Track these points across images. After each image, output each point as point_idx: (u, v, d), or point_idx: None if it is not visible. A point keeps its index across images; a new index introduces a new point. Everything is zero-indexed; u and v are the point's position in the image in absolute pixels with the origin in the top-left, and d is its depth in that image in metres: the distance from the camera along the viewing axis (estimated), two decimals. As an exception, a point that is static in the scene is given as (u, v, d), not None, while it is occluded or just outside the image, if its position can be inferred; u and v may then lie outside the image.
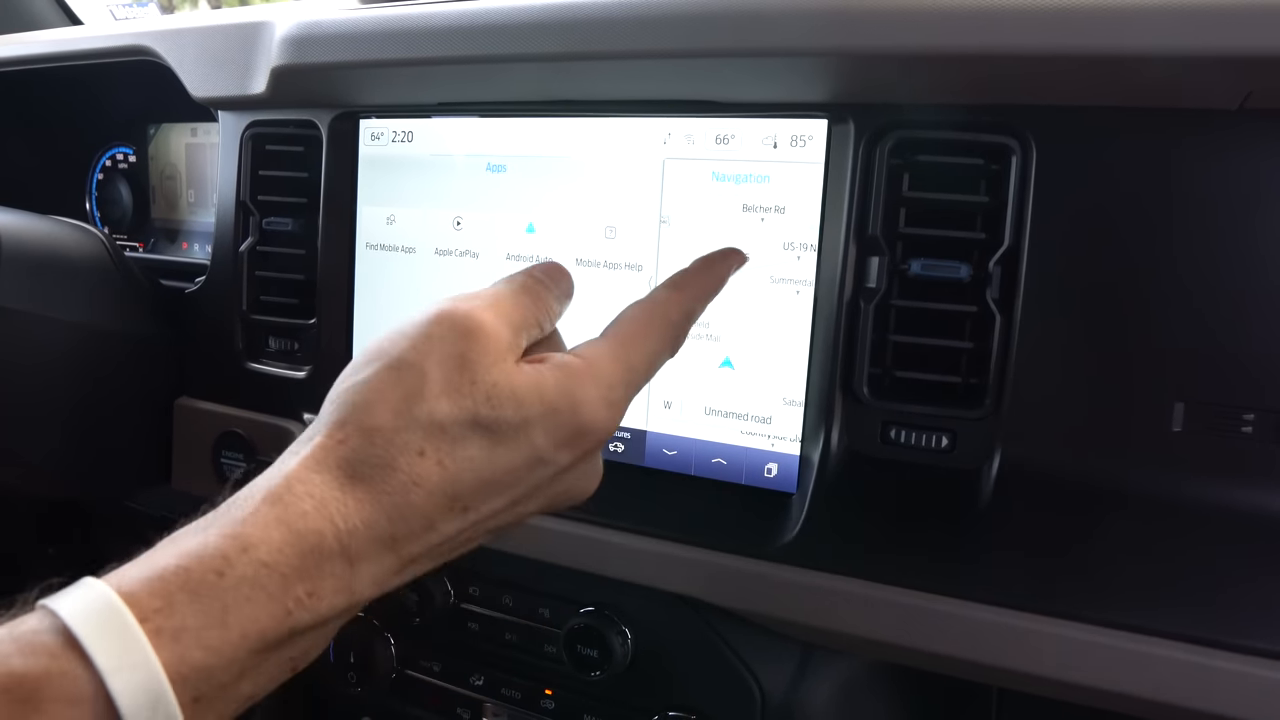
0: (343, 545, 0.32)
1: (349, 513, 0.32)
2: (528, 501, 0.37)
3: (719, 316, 0.56)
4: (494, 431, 0.35)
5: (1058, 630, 0.46)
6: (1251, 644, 0.43)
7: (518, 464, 0.35)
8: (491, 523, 0.36)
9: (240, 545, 0.30)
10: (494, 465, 0.35)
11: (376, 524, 0.32)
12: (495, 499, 0.35)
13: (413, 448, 0.33)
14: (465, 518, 0.35)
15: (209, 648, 0.28)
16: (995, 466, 0.48)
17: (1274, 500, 0.44)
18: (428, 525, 0.33)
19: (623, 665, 0.57)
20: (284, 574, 0.30)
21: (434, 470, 0.33)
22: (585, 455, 0.38)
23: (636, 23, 0.51)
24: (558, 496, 0.38)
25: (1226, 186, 0.44)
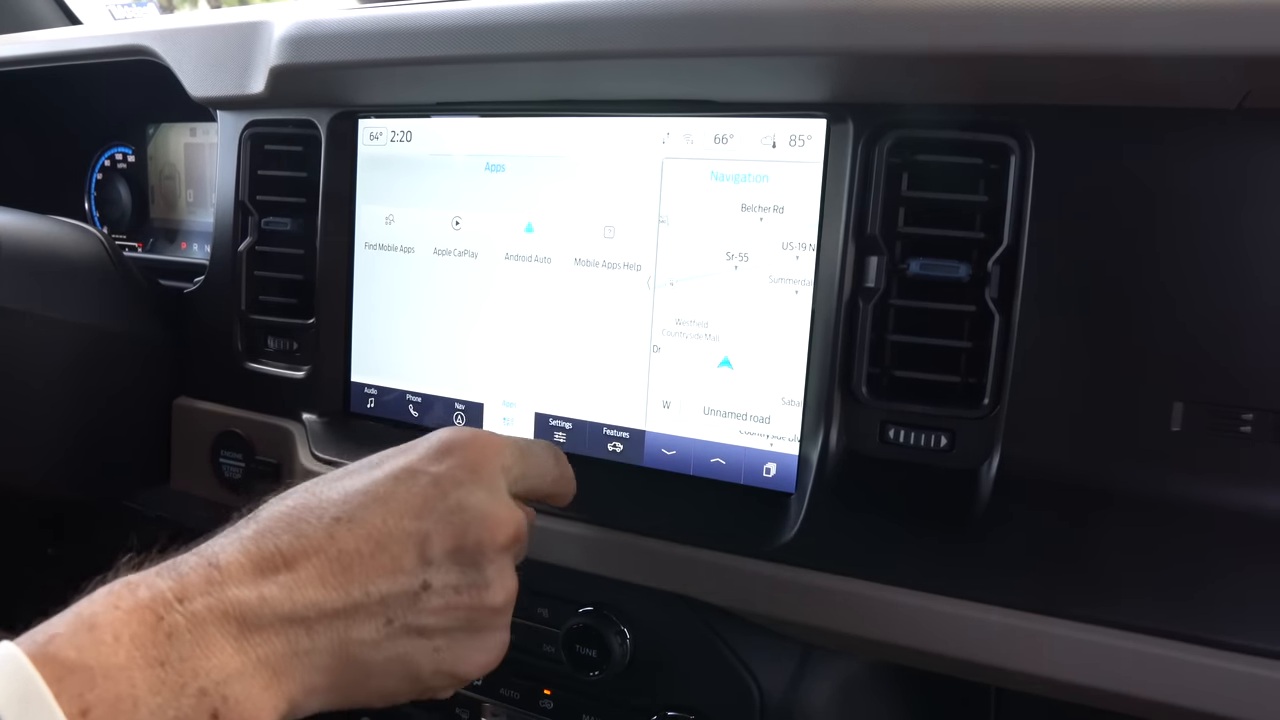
0: (207, 558, 0.34)
1: (220, 538, 0.36)
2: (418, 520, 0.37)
3: (718, 316, 0.56)
4: (371, 466, 0.40)
5: (1056, 630, 0.46)
6: (1251, 643, 0.43)
7: (381, 476, 0.38)
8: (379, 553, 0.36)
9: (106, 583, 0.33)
10: (357, 481, 0.39)
11: (246, 539, 0.35)
12: (370, 510, 0.37)
13: (286, 495, 0.38)
14: (341, 528, 0.36)
15: (80, 646, 0.29)
16: (994, 466, 0.48)
17: (1273, 499, 0.44)
18: (297, 531, 0.36)
19: (621, 665, 0.57)
20: (151, 585, 0.32)
21: (303, 495, 0.38)
22: (463, 468, 0.39)
23: (635, 22, 0.51)
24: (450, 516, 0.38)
25: (1225, 186, 0.44)
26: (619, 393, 0.59)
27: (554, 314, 0.61)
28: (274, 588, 0.34)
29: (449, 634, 0.38)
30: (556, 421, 0.62)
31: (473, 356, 0.64)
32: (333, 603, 0.35)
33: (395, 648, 0.37)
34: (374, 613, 0.36)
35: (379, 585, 0.36)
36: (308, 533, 0.35)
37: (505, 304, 0.62)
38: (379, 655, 0.36)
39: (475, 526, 0.38)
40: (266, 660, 0.33)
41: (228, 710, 0.31)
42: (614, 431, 0.60)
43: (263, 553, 0.34)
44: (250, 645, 0.33)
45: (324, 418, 0.70)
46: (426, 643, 0.38)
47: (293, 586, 0.34)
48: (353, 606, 0.35)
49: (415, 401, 0.67)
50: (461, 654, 0.39)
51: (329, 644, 0.35)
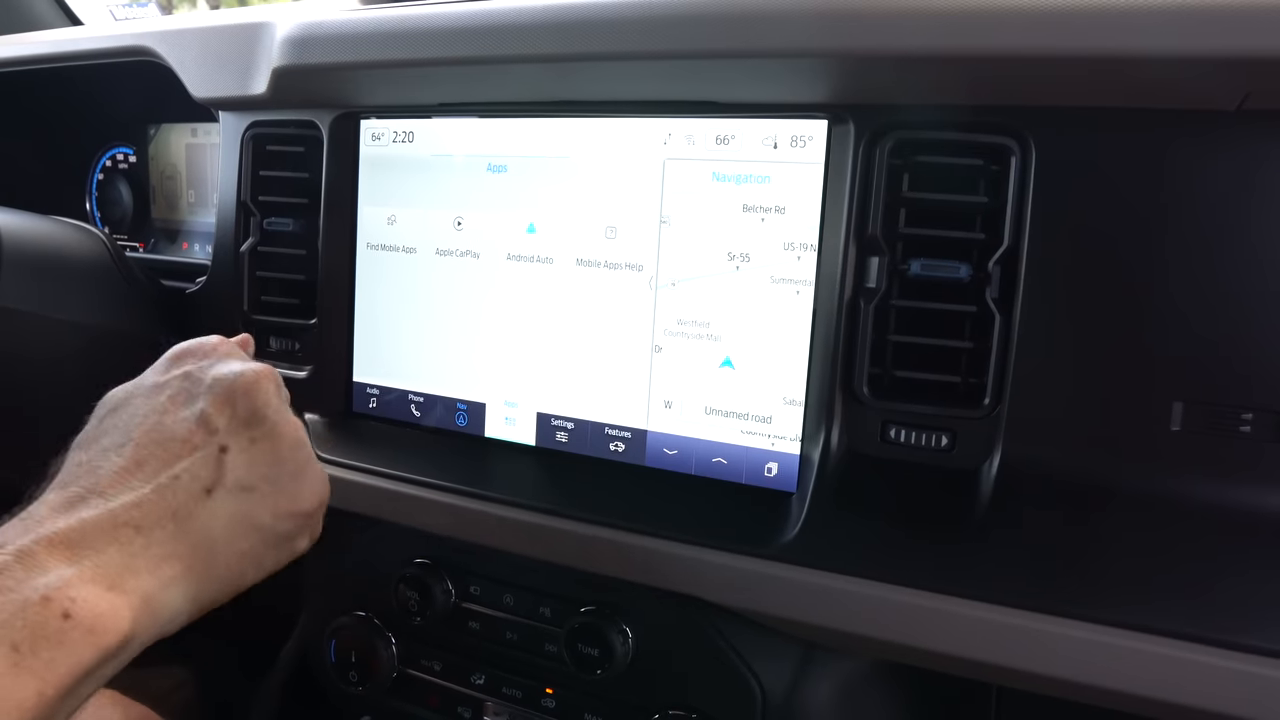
0: (19, 517, 0.36)
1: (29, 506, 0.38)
2: (185, 403, 0.41)
3: (720, 317, 0.56)
4: (122, 405, 0.43)
5: (1057, 629, 0.46)
6: (1251, 642, 0.43)
7: (139, 393, 0.42)
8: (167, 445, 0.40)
9: None
10: (124, 416, 0.41)
11: (45, 499, 0.38)
12: (142, 420, 0.40)
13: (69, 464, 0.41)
14: (129, 446, 0.39)
15: None
16: (995, 466, 0.48)
17: (1272, 499, 0.44)
18: (90, 466, 0.39)
19: (623, 664, 0.57)
20: None
21: (87, 431, 0.43)
22: (210, 355, 0.44)
23: (637, 24, 0.51)
24: (217, 383, 0.42)
25: (1225, 187, 0.44)
26: (621, 393, 0.59)
27: (556, 314, 0.61)
28: (88, 510, 0.36)
29: (268, 479, 0.42)
30: (559, 421, 0.62)
31: (475, 356, 0.64)
32: (144, 495, 0.38)
33: (225, 508, 0.40)
34: (185, 484, 0.39)
35: (177, 467, 0.39)
36: (99, 463, 0.39)
37: (507, 304, 0.63)
38: (215, 523, 0.39)
39: (237, 390, 0.42)
40: (103, 566, 0.35)
41: (78, 609, 0.33)
42: (616, 431, 0.60)
43: (69, 492, 0.37)
44: (82, 557, 0.35)
45: (326, 418, 0.70)
46: (252, 494, 0.41)
47: (103, 506, 0.37)
48: (165, 486, 0.38)
49: (417, 401, 0.67)
50: (290, 491, 0.42)
51: (160, 531, 0.37)
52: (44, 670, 0.32)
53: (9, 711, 0.31)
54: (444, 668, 0.66)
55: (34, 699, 0.31)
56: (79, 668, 0.33)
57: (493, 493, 0.60)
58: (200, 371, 0.43)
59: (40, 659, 0.32)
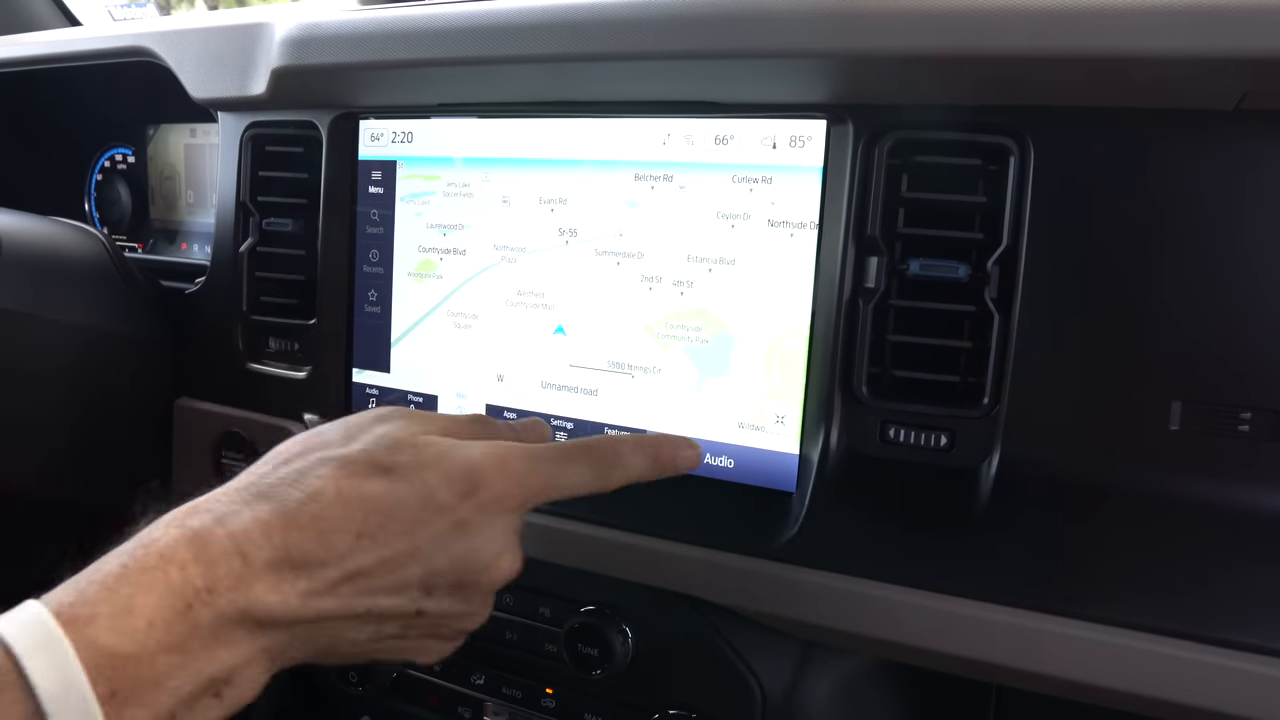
0: (236, 543, 0.34)
1: (244, 517, 0.35)
2: (432, 557, 0.38)
3: (716, 316, 0.56)
4: (390, 472, 0.38)
5: (1056, 628, 0.46)
6: (1250, 640, 0.43)
7: (412, 502, 0.38)
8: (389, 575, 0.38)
9: (142, 544, 0.34)
10: (387, 499, 0.38)
11: (270, 526, 0.35)
12: (395, 537, 0.38)
13: (313, 473, 0.38)
14: (362, 545, 0.37)
15: (119, 631, 0.31)
16: (994, 465, 0.48)
17: (1271, 497, 0.44)
18: (323, 540, 0.36)
19: (623, 664, 0.57)
20: (180, 565, 0.33)
21: (331, 491, 0.37)
22: (484, 511, 0.40)
23: (636, 24, 0.51)
24: (463, 559, 0.39)
25: (1222, 186, 0.45)
26: (619, 392, 0.59)
27: (556, 313, 0.61)
28: (293, 593, 0.35)
29: (420, 639, 0.41)
30: (558, 421, 0.62)
31: (469, 356, 0.64)
32: (338, 612, 0.37)
33: (376, 645, 0.40)
34: (369, 622, 0.38)
35: (380, 602, 0.38)
36: (333, 543, 0.37)
37: (507, 304, 0.63)
38: (359, 649, 0.40)
39: (480, 570, 0.40)
40: (269, 649, 0.36)
41: (229, 690, 0.34)
42: (615, 431, 0.60)
43: (289, 553, 0.36)
44: (261, 638, 0.35)
45: (325, 418, 0.70)
46: (400, 644, 0.41)
47: (309, 594, 0.36)
48: (354, 615, 0.38)
49: (416, 402, 0.67)
50: (423, 651, 0.42)
51: (324, 637, 0.38)
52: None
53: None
54: (443, 667, 0.66)
55: None
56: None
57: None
58: (473, 531, 0.39)
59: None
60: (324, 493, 0.37)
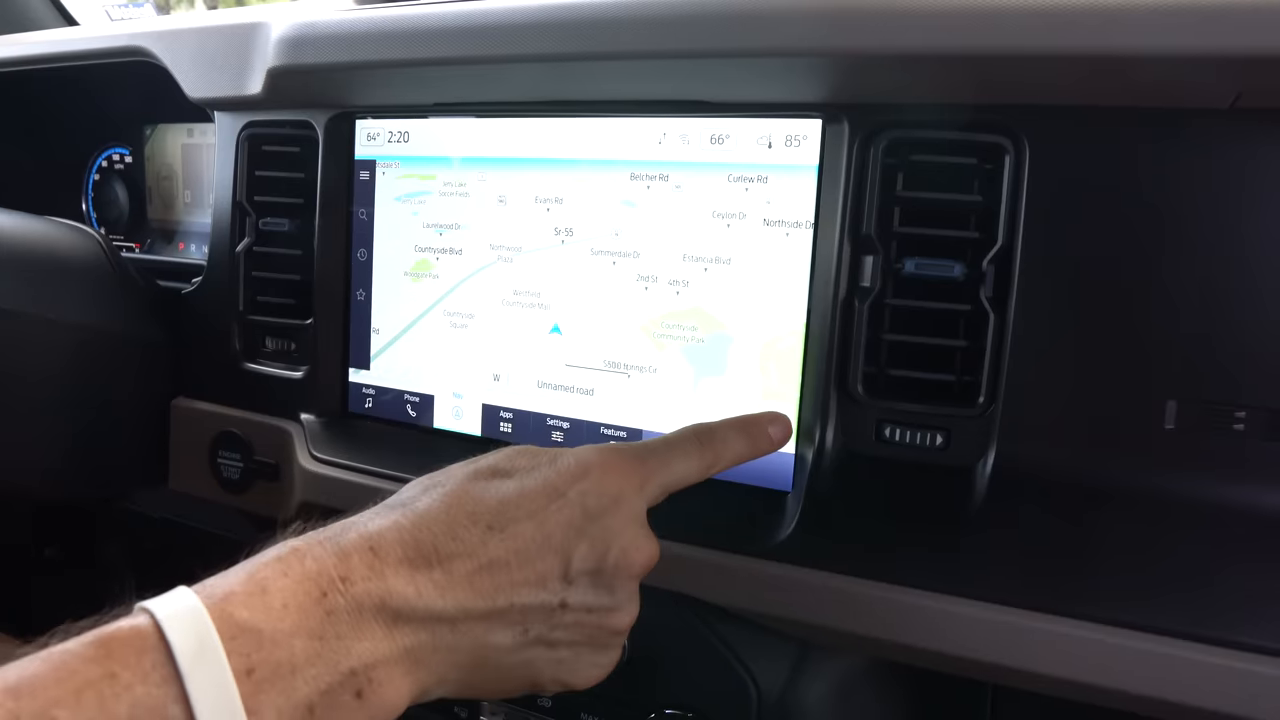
0: (368, 540, 0.35)
1: (376, 522, 0.37)
2: (565, 544, 0.39)
3: (712, 316, 0.56)
4: (510, 474, 0.40)
5: (1052, 627, 0.46)
6: (1245, 639, 0.43)
7: (531, 489, 0.39)
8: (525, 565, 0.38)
9: (282, 541, 0.35)
10: (508, 490, 0.39)
11: (401, 527, 0.36)
12: (525, 526, 0.38)
13: (441, 485, 0.39)
14: (494, 537, 0.38)
15: (252, 608, 0.31)
16: (989, 464, 0.48)
17: (1267, 496, 0.44)
18: (452, 533, 0.37)
19: (620, 663, 0.57)
20: (315, 557, 0.34)
21: (458, 492, 0.39)
22: (606, 495, 0.40)
23: (631, 23, 0.51)
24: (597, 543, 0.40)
25: (1217, 185, 0.45)
26: (615, 392, 0.59)
27: (551, 313, 0.61)
28: (428, 584, 0.35)
29: (573, 647, 0.41)
30: (555, 421, 0.62)
31: (466, 356, 0.64)
32: (479, 606, 0.37)
33: (524, 654, 0.39)
34: (513, 621, 0.38)
35: (522, 596, 0.38)
36: (462, 536, 0.37)
37: (503, 303, 0.63)
38: (509, 659, 0.39)
39: (616, 553, 0.40)
40: (411, 650, 0.35)
41: (371, 691, 0.33)
42: (611, 431, 0.60)
43: (420, 548, 0.36)
44: (399, 634, 0.35)
45: (322, 418, 0.70)
46: (552, 653, 0.40)
47: (445, 585, 0.36)
48: (495, 612, 0.37)
49: (413, 401, 0.67)
50: (579, 666, 0.41)
51: (469, 643, 0.37)
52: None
53: None
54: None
55: None
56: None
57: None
58: (600, 513, 0.40)
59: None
60: (451, 495, 0.38)
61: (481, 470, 0.40)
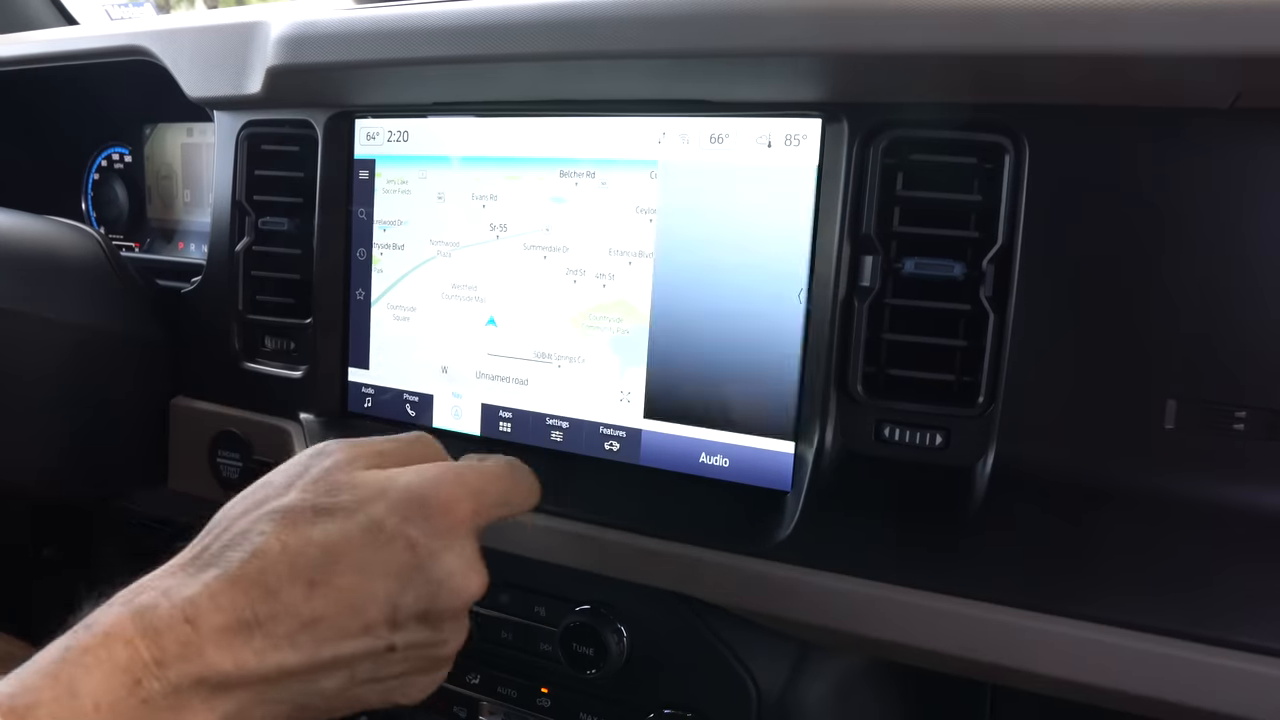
0: (182, 612, 0.34)
1: (190, 587, 0.35)
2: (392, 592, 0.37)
3: (712, 315, 0.56)
4: (333, 514, 0.38)
5: (1052, 627, 0.46)
6: (1245, 640, 0.43)
7: (360, 539, 0.37)
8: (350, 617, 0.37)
9: (85, 626, 0.33)
10: (334, 541, 0.37)
11: (218, 592, 0.35)
12: (344, 573, 0.37)
13: (255, 531, 0.37)
14: (316, 592, 0.36)
15: (62, 718, 0.30)
16: (989, 464, 0.48)
17: (1266, 496, 0.44)
18: (271, 593, 0.35)
19: (619, 663, 0.57)
20: (126, 641, 0.32)
21: (275, 545, 0.36)
22: (438, 534, 0.39)
23: (631, 23, 0.51)
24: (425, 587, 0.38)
25: (1217, 185, 0.44)
26: (616, 392, 0.59)
27: (550, 313, 0.61)
28: (247, 652, 0.34)
29: (402, 678, 0.40)
30: (554, 421, 0.62)
31: (466, 356, 0.64)
32: (301, 664, 0.36)
33: (352, 694, 0.39)
34: (339, 669, 0.37)
35: (346, 647, 0.37)
36: (281, 594, 0.36)
37: (503, 303, 0.63)
38: (336, 700, 0.38)
39: (446, 594, 0.39)
40: (231, 714, 0.34)
41: None
42: (610, 431, 0.60)
43: (237, 613, 0.35)
44: (219, 702, 0.34)
45: (321, 417, 0.70)
46: (380, 686, 0.40)
47: (265, 650, 0.35)
48: (320, 666, 0.36)
49: (412, 401, 0.67)
50: (409, 689, 0.41)
51: (292, 696, 0.36)
52: None
53: None
54: (439, 667, 0.66)
55: None
56: None
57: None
58: (428, 556, 0.38)
59: None
60: (268, 549, 0.36)
61: (299, 512, 0.38)
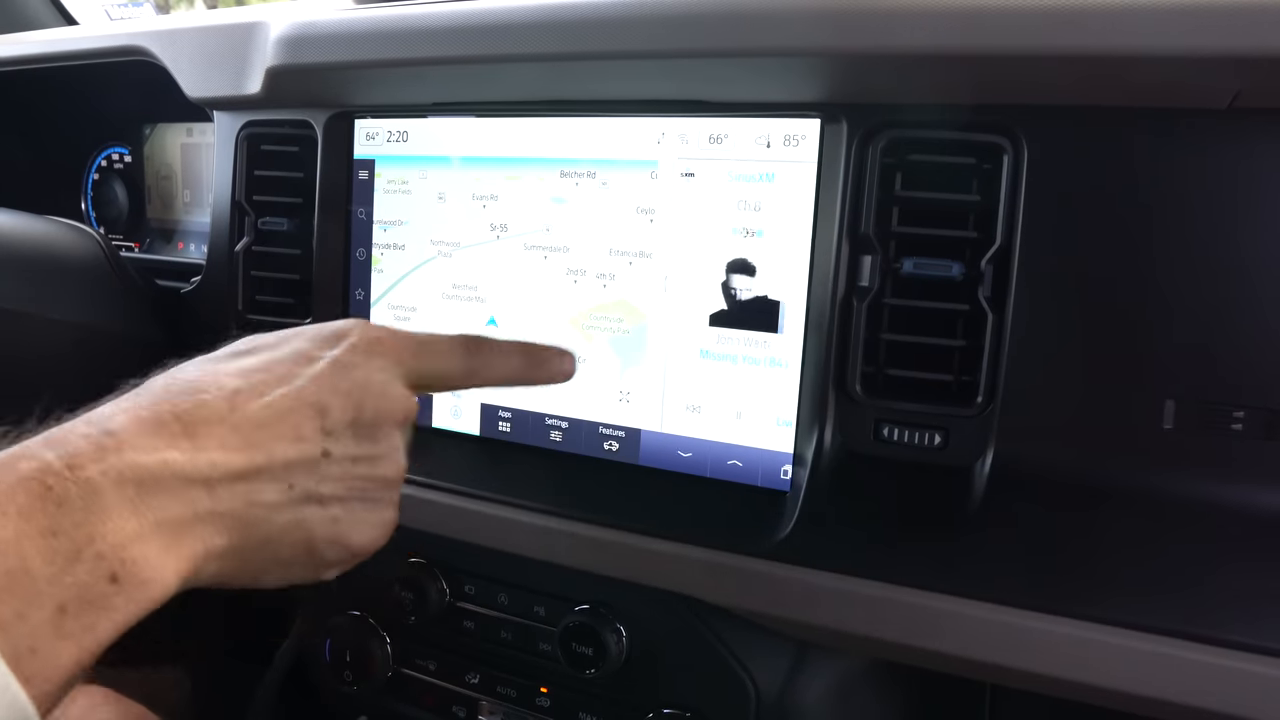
0: (98, 425, 0.33)
1: (108, 408, 0.34)
2: (319, 395, 0.37)
3: (709, 316, 0.56)
4: (254, 352, 0.39)
5: (1051, 627, 0.46)
6: (1244, 639, 0.43)
7: (284, 357, 0.39)
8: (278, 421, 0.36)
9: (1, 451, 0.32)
10: (254, 362, 0.38)
11: (136, 405, 0.34)
12: (273, 387, 0.37)
13: (175, 371, 0.38)
14: (239, 398, 0.36)
15: None
16: (988, 464, 0.48)
17: (1265, 496, 0.44)
18: (197, 399, 0.35)
19: (618, 663, 0.57)
20: (33, 456, 0.30)
21: (193, 372, 0.37)
22: (358, 351, 0.40)
23: (630, 23, 0.51)
24: (352, 391, 0.38)
25: (1215, 184, 0.45)
26: (614, 392, 0.59)
27: (550, 313, 0.61)
28: (174, 452, 0.33)
29: (344, 503, 0.39)
30: (553, 420, 0.62)
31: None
32: (235, 465, 0.35)
33: (294, 513, 0.37)
34: (276, 476, 0.36)
35: (281, 450, 0.36)
36: (208, 401, 0.35)
37: (504, 303, 0.63)
38: (278, 519, 0.36)
39: (372, 401, 0.39)
40: (165, 522, 0.32)
41: (126, 572, 0.31)
42: (610, 430, 0.60)
43: (160, 419, 0.33)
44: (148, 508, 0.32)
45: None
46: (323, 511, 0.38)
47: (193, 451, 0.34)
48: (255, 470, 0.35)
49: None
50: (354, 525, 0.39)
51: (230, 506, 0.35)
52: (83, 635, 0.29)
53: (47, 677, 0.28)
54: (439, 667, 0.66)
55: (71, 665, 0.29)
56: (115, 630, 0.30)
57: (489, 493, 0.60)
58: (351, 367, 0.39)
59: (82, 622, 0.29)
60: (185, 368, 0.37)
61: (220, 354, 0.39)
